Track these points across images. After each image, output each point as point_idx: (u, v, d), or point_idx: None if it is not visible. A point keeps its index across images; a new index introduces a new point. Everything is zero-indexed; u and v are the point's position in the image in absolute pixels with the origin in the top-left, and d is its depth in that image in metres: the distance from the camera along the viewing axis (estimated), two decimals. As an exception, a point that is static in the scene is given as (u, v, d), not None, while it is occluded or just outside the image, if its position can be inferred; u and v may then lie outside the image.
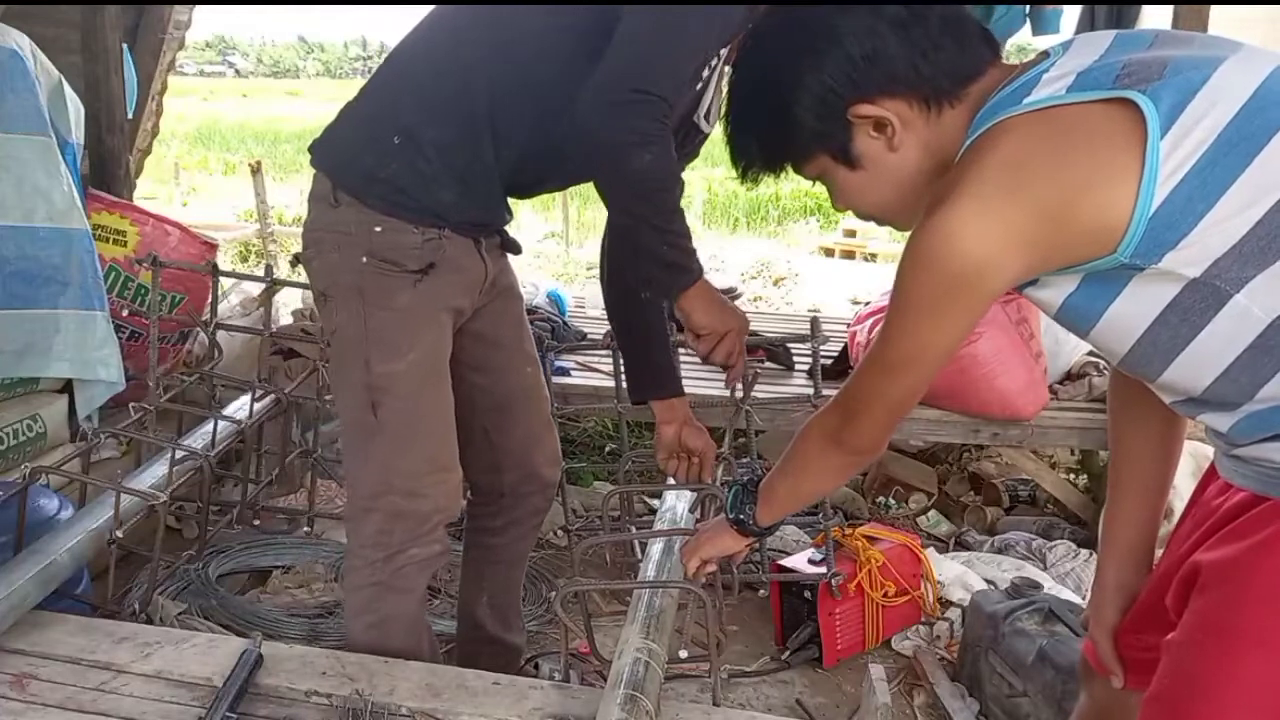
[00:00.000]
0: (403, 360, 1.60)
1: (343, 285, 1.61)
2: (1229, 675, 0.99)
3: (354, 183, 1.59)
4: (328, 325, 1.68)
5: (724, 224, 10.58)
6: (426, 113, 1.57)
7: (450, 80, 1.57)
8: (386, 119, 1.59)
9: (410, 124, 1.56)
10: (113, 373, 2.50)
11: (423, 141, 1.56)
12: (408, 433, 1.62)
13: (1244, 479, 1.02)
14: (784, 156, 1.14)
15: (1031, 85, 0.98)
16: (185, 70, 39.65)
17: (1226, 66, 0.93)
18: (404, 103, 1.59)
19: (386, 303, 1.59)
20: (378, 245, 1.57)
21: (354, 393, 1.63)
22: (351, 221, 1.58)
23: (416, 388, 1.62)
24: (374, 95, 1.65)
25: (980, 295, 0.98)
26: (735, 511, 1.42)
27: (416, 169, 1.57)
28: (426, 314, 1.63)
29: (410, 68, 1.63)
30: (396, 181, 1.57)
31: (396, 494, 1.62)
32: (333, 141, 1.66)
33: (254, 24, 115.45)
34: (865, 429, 1.15)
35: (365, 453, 1.64)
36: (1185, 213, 0.90)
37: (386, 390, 1.60)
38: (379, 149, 1.58)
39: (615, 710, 1.30)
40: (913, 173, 1.07)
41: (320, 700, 1.51)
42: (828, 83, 1.05)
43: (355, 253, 1.58)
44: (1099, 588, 1.31)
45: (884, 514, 3.26)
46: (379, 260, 1.58)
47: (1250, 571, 0.98)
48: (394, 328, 1.60)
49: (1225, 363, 0.95)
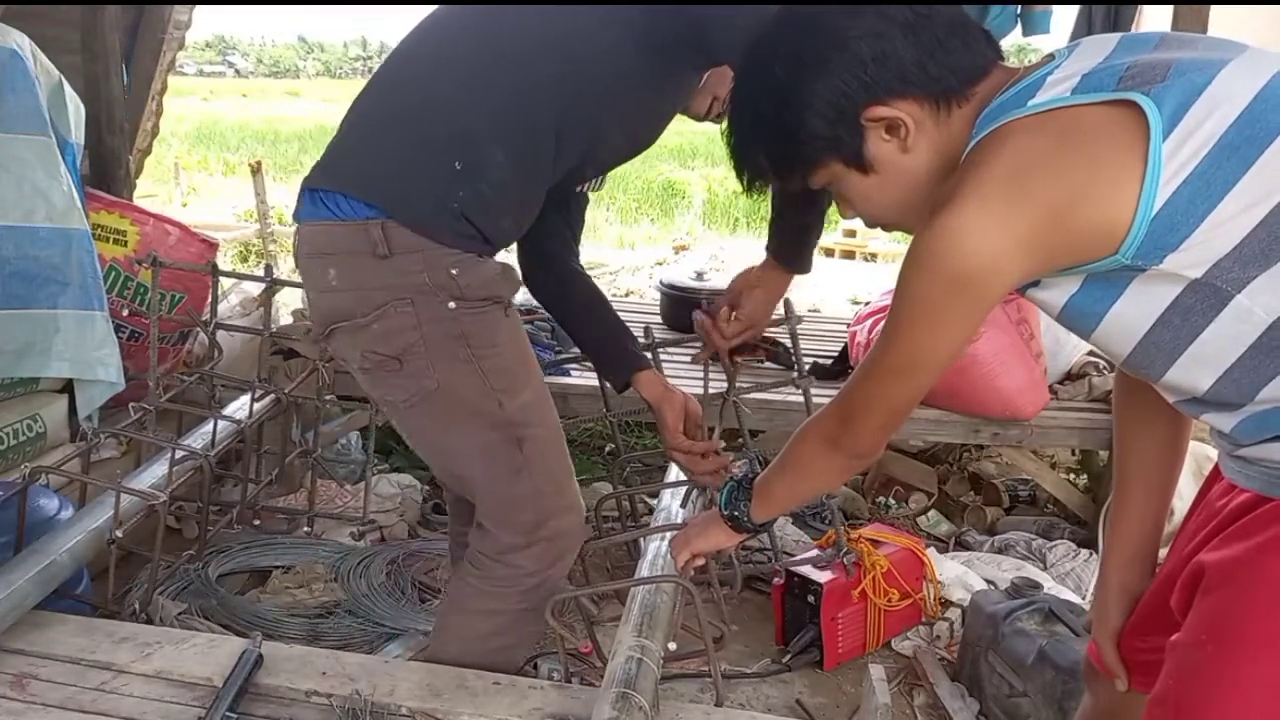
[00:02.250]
0: (528, 389, 1.57)
1: (434, 340, 1.48)
2: (1234, 676, 0.99)
3: (417, 219, 1.44)
4: (410, 386, 1.51)
5: (724, 224, 10.57)
6: (493, 135, 1.47)
7: (520, 99, 1.47)
8: (444, 147, 1.46)
9: (475, 147, 1.46)
10: (112, 373, 2.50)
11: (488, 166, 1.46)
12: (551, 457, 1.61)
13: (1248, 480, 1.02)
14: (794, 166, 1.13)
15: (1036, 87, 0.98)
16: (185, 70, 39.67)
17: (1230, 69, 0.93)
18: (466, 125, 1.46)
19: (492, 339, 1.52)
20: (465, 285, 1.46)
21: (488, 436, 1.54)
22: (417, 269, 1.44)
23: (546, 409, 1.61)
24: (417, 124, 1.48)
25: (984, 297, 0.98)
26: (730, 508, 1.42)
27: (482, 196, 1.47)
28: (522, 337, 1.60)
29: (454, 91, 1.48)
30: (466, 212, 1.46)
31: (554, 517, 1.60)
32: (369, 182, 1.46)
33: (254, 24, 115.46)
34: (864, 433, 1.15)
35: (515, 490, 1.57)
36: (1187, 214, 0.90)
37: (526, 423, 1.55)
38: (443, 177, 1.45)
39: (608, 709, 1.30)
40: (924, 174, 1.07)
41: (320, 700, 1.51)
42: (839, 87, 1.04)
43: (437, 301, 1.46)
44: (1102, 591, 1.31)
45: (884, 514, 3.26)
46: (474, 300, 1.48)
47: (1255, 572, 0.98)
48: (509, 361, 1.54)
49: (1227, 363, 0.96)
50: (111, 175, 3.31)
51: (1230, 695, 0.99)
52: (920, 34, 1.03)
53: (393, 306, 1.46)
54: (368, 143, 1.51)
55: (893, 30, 1.03)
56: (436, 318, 1.46)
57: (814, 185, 1.14)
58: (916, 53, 1.03)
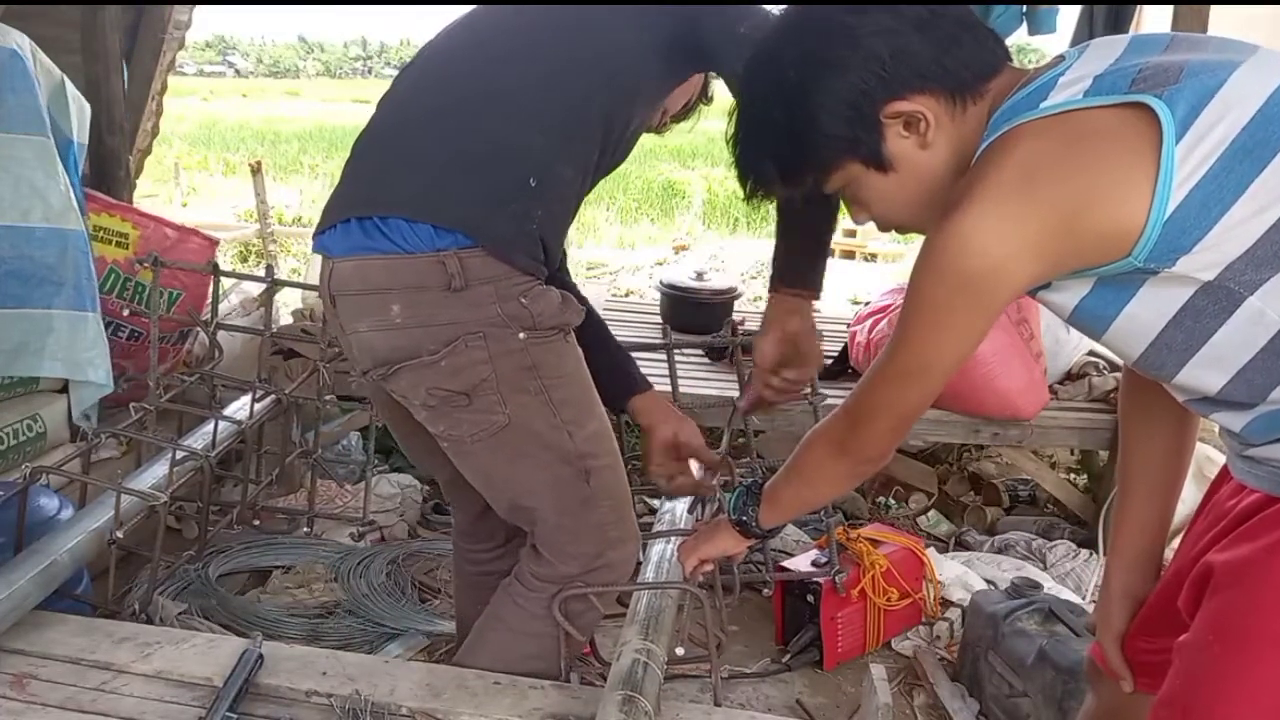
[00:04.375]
0: (594, 419, 1.52)
1: (505, 373, 1.41)
2: (1242, 677, 0.99)
3: (501, 244, 1.36)
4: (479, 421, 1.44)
5: (724, 224, 10.57)
6: (557, 148, 1.41)
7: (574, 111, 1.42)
8: (520, 164, 1.38)
9: (544, 161, 1.39)
10: (101, 374, 2.49)
11: (558, 181, 1.41)
12: (618, 487, 1.57)
13: (1257, 480, 1.02)
14: (807, 170, 1.10)
15: (1048, 89, 0.98)
16: (185, 70, 39.61)
17: (1242, 71, 0.93)
18: (530, 140, 1.39)
19: (560, 369, 1.47)
20: (536, 315, 1.40)
21: (557, 470, 1.49)
22: (492, 301, 1.37)
23: (609, 439, 1.55)
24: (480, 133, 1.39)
25: (995, 299, 0.98)
26: (738, 513, 1.42)
27: (554, 213, 1.42)
28: (584, 365, 1.54)
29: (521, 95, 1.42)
30: (541, 232, 1.40)
31: (613, 547, 1.57)
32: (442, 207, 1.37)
33: (254, 24, 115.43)
34: (873, 438, 1.14)
35: (582, 522, 1.53)
36: (1200, 217, 0.90)
37: (593, 454, 1.51)
38: (521, 199, 1.37)
39: (613, 711, 1.30)
40: (941, 171, 1.06)
41: (320, 700, 1.51)
42: (857, 84, 1.02)
43: (510, 333, 1.39)
44: (1106, 593, 1.31)
45: (884, 514, 3.26)
46: (544, 330, 1.42)
47: (1264, 573, 0.98)
48: (575, 391, 1.49)
49: (1239, 364, 0.96)
50: (111, 175, 3.31)
51: (1238, 696, 0.99)
52: (933, 30, 1.03)
53: (464, 341, 1.38)
54: (422, 161, 1.40)
55: (906, 27, 1.03)
56: (508, 350, 1.41)
57: (828, 189, 1.12)
58: (932, 48, 1.03)
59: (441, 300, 1.36)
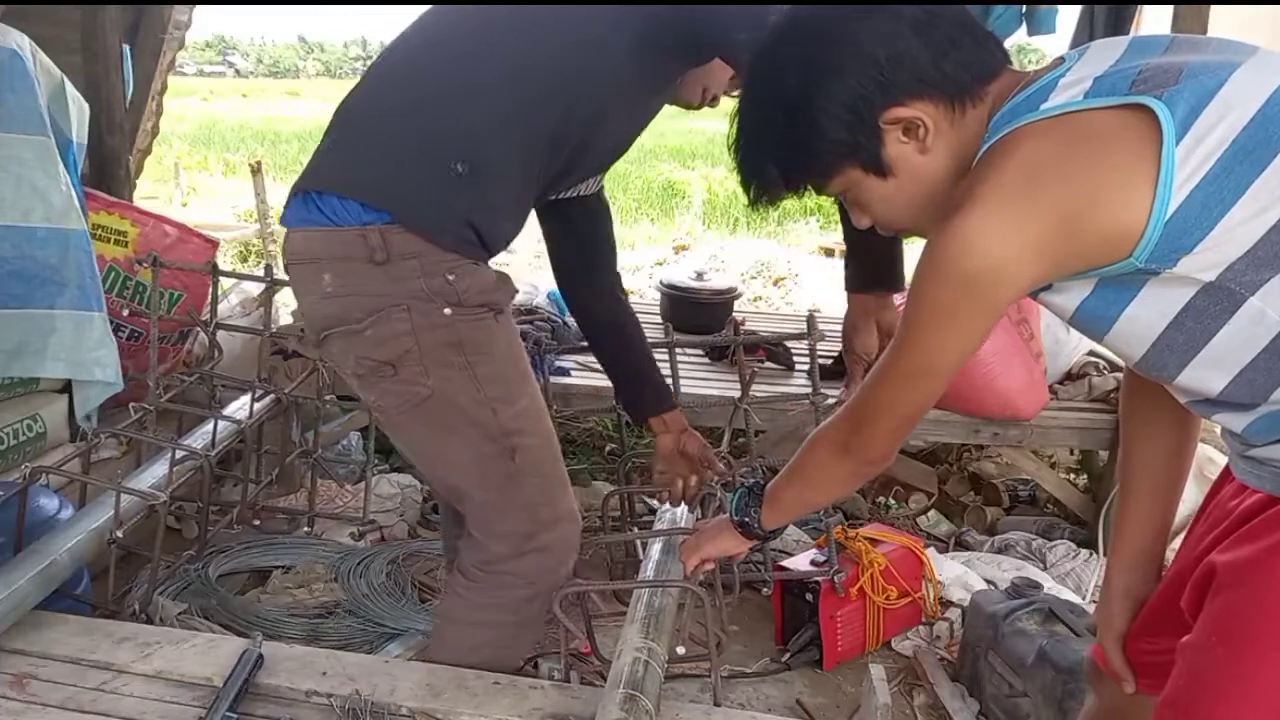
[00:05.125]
0: (523, 397, 1.54)
1: (429, 346, 1.46)
2: (1245, 678, 0.99)
3: (423, 223, 1.42)
4: (404, 392, 1.49)
5: (724, 224, 10.56)
6: (493, 136, 1.45)
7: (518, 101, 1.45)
8: (446, 149, 1.43)
9: (477, 148, 1.43)
10: (109, 373, 2.50)
11: (490, 168, 1.44)
12: (547, 464, 1.59)
13: (1259, 480, 1.02)
14: (808, 175, 1.11)
15: (1048, 91, 0.98)
16: (185, 70, 39.62)
17: (1241, 72, 0.93)
18: (472, 131, 1.44)
19: (488, 348, 1.50)
20: (462, 292, 1.45)
21: (481, 446, 1.53)
22: (416, 276, 1.43)
23: (541, 419, 1.58)
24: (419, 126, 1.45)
25: (995, 301, 0.98)
26: (740, 514, 1.42)
27: (486, 200, 1.45)
28: (518, 346, 1.58)
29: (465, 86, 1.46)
30: (468, 215, 1.44)
31: (546, 529, 1.58)
32: (373, 185, 1.43)
33: (254, 24, 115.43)
34: (875, 439, 1.15)
35: (508, 500, 1.56)
36: (1200, 218, 0.90)
37: (520, 431, 1.53)
38: (447, 182, 1.43)
39: (614, 710, 1.30)
40: (941, 174, 1.07)
41: (320, 700, 1.51)
42: (856, 90, 1.03)
43: (434, 308, 1.44)
44: (1107, 594, 1.31)
45: (884, 514, 3.26)
46: (471, 307, 1.46)
47: (1266, 573, 0.98)
48: (503, 369, 1.52)
49: (1241, 365, 0.96)
50: (111, 175, 3.30)
51: (1241, 698, 0.99)
52: (932, 34, 1.03)
53: (388, 313, 1.44)
54: (364, 142, 1.48)
55: (905, 31, 1.02)
56: (432, 324, 1.45)
57: (829, 193, 1.12)
58: (930, 53, 1.03)
59: (367, 272, 1.42)
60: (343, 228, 1.43)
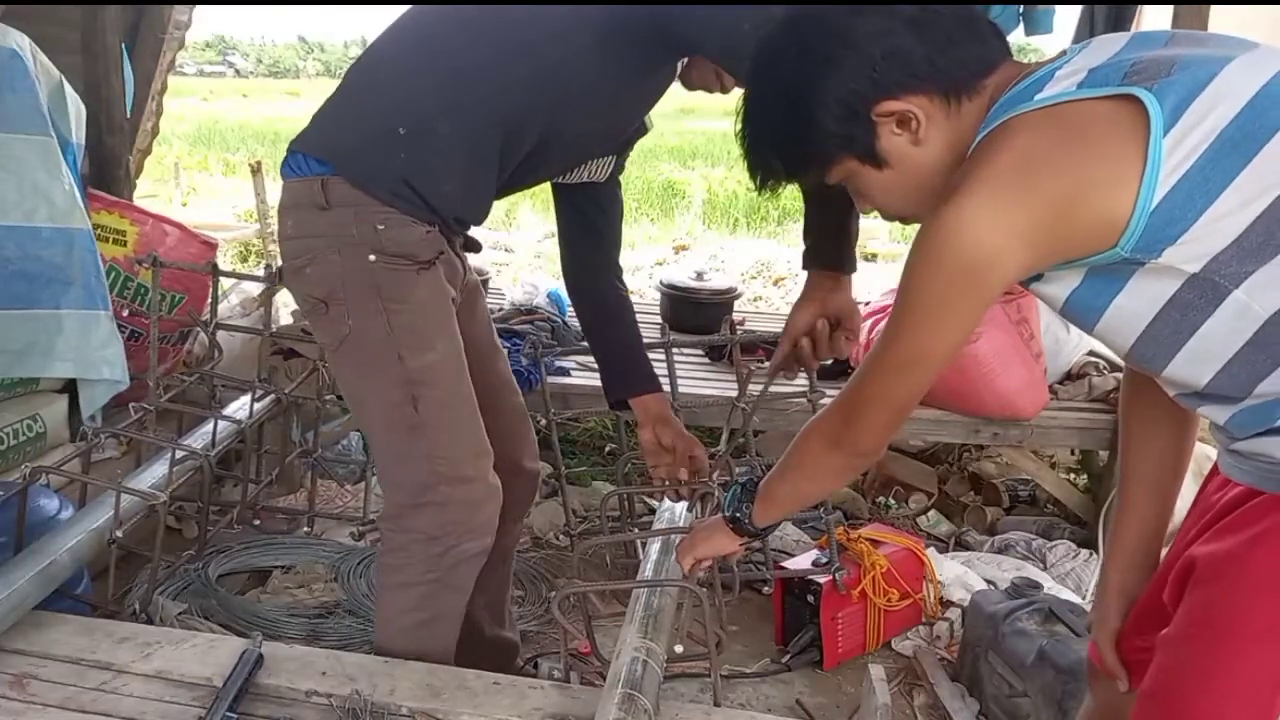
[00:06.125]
0: (434, 351, 1.60)
1: (353, 288, 1.58)
2: (1224, 670, 1.00)
3: (356, 173, 1.56)
4: (333, 331, 1.63)
5: (724, 224, 10.56)
6: (438, 109, 1.55)
7: (468, 76, 1.55)
8: (390, 113, 1.56)
9: (424, 116, 1.54)
10: (116, 371, 2.50)
11: (436, 134, 1.55)
12: (451, 420, 1.63)
13: (1242, 474, 1.03)
14: (807, 164, 1.14)
15: (1044, 82, 1.00)
16: (185, 70, 39.54)
17: (1233, 66, 0.94)
18: (411, 99, 1.56)
19: (406, 297, 1.58)
20: (386, 241, 1.55)
21: (388, 391, 1.60)
22: (349, 222, 1.56)
23: (451, 375, 1.63)
24: (369, 94, 1.61)
25: (985, 288, 0.99)
26: (732, 510, 1.42)
27: (425, 161, 1.56)
28: (441, 303, 1.64)
29: (409, 65, 1.60)
30: (401, 171, 1.55)
31: (446, 483, 1.61)
32: (323, 142, 1.61)
33: (254, 24, 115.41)
34: (867, 431, 1.15)
35: (408, 449, 1.62)
36: (1186, 208, 0.91)
37: (425, 382, 1.59)
38: (386, 141, 1.55)
39: (613, 710, 1.30)
40: (937, 165, 1.08)
41: (320, 700, 1.51)
42: (850, 84, 1.05)
43: (361, 253, 1.56)
44: (1102, 592, 1.32)
45: (884, 514, 3.26)
46: (390, 256, 1.56)
47: (1243, 566, 0.99)
48: (419, 320, 1.60)
49: (1225, 358, 0.97)
50: (111, 175, 3.30)
51: (1219, 691, 1.00)
52: (927, 29, 1.05)
53: (323, 253, 1.58)
54: (331, 110, 1.65)
55: (900, 27, 1.04)
56: (358, 267, 1.56)
57: (830, 182, 1.15)
58: (925, 48, 1.04)
59: (313, 217, 1.58)
60: (301, 179, 1.60)
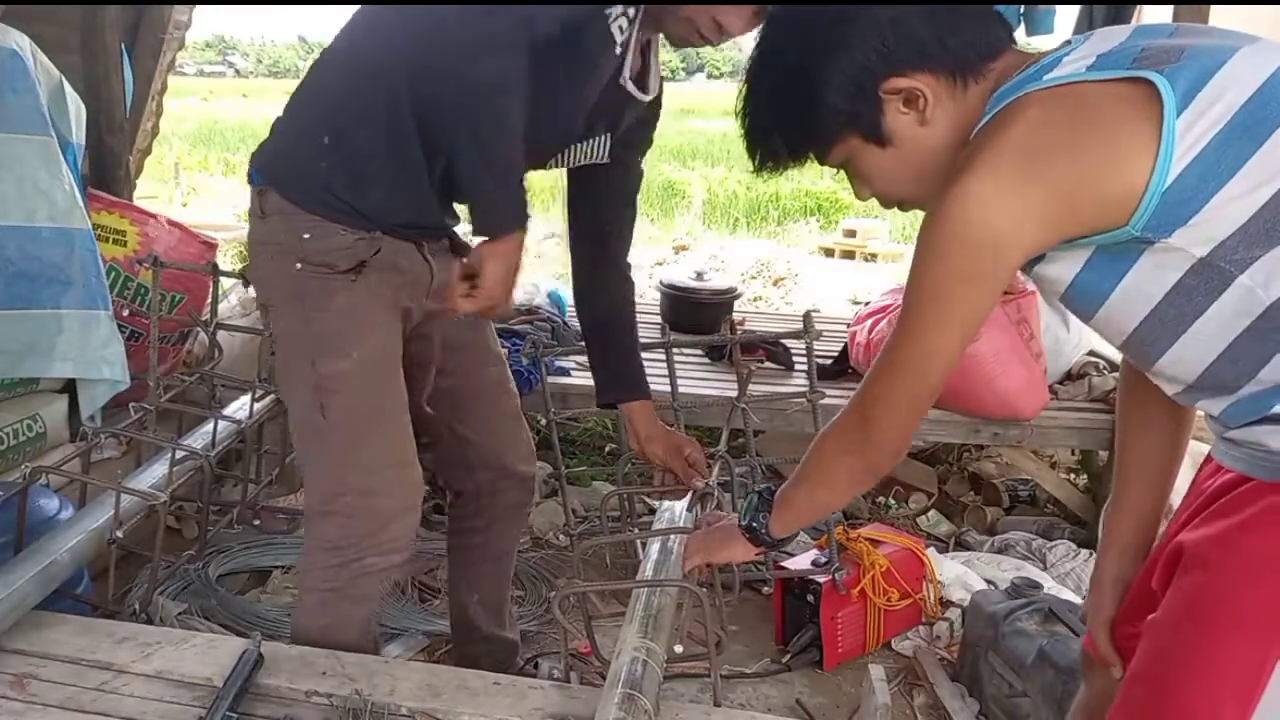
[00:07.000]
0: (347, 359, 1.59)
1: (281, 293, 1.63)
2: (1209, 654, 1.00)
3: (284, 184, 1.59)
4: (275, 333, 1.72)
5: (724, 224, 10.58)
6: (354, 116, 1.55)
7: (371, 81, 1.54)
8: (317, 124, 1.58)
9: (340, 126, 1.56)
10: (117, 371, 2.50)
11: (354, 141, 1.56)
12: (359, 430, 1.61)
13: (1234, 461, 1.04)
14: (810, 143, 1.13)
15: (1053, 65, 1.00)
16: (185, 70, 39.53)
17: (1241, 55, 0.95)
18: (332, 108, 1.58)
19: (325, 304, 1.59)
20: (309, 251, 1.58)
21: (302, 395, 1.63)
22: (280, 231, 1.59)
23: (364, 385, 1.62)
24: (302, 106, 1.64)
25: (999, 267, 0.99)
26: (749, 519, 1.41)
27: (346, 169, 1.56)
28: (368, 312, 1.62)
29: (333, 74, 1.62)
30: (325, 180, 1.57)
31: (351, 493, 1.61)
32: (264, 153, 1.66)
33: (254, 24, 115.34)
34: (887, 430, 1.13)
35: (318, 454, 1.65)
36: (1197, 190, 0.92)
37: (334, 390, 1.59)
38: (310, 150, 1.58)
39: (613, 710, 1.30)
40: (941, 147, 1.08)
41: (320, 700, 1.51)
42: (858, 60, 1.05)
43: (289, 261, 1.59)
44: (1097, 581, 1.32)
45: (884, 514, 3.26)
46: (312, 265, 1.58)
47: (1230, 551, 0.99)
48: (336, 328, 1.60)
49: (1225, 344, 0.97)
50: (111, 175, 3.30)
51: (1205, 677, 1.00)
52: (935, 13, 1.05)
53: (261, 261, 1.66)
54: (276, 121, 1.69)
55: (907, 9, 1.05)
56: (286, 274, 1.60)
57: (830, 163, 1.14)
58: (934, 28, 1.05)
59: (257, 224, 1.65)
60: (252, 189, 1.66)
